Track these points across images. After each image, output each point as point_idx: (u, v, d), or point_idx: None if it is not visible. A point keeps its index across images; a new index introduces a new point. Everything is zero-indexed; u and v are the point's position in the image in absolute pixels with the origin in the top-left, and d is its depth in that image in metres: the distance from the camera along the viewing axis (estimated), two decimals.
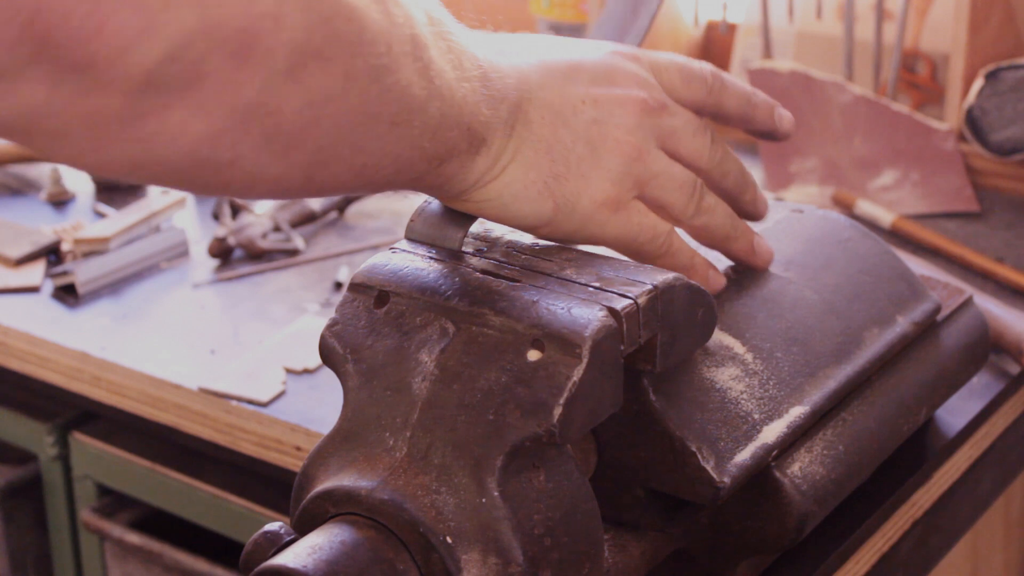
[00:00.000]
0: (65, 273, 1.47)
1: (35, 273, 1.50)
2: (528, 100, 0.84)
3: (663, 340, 0.86)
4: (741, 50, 1.95)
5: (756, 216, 0.96)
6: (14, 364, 1.41)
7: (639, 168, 0.87)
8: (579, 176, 0.84)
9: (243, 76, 0.65)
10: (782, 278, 1.03)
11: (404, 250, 0.88)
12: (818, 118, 1.69)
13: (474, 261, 0.87)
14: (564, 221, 0.86)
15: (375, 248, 1.55)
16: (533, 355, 0.80)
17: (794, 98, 1.70)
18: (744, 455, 0.90)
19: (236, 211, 1.58)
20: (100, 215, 1.64)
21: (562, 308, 0.81)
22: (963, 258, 1.47)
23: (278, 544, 0.79)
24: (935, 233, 1.53)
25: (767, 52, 1.83)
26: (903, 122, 1.67)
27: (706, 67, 0.93)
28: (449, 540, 0.78)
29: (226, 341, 1.37)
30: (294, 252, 1.54)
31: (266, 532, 0.80)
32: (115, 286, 1.49)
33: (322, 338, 0.86)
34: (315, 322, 1.40)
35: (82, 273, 1.46)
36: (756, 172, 1.73)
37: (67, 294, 1.46)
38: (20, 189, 1.73)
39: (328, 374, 1.28)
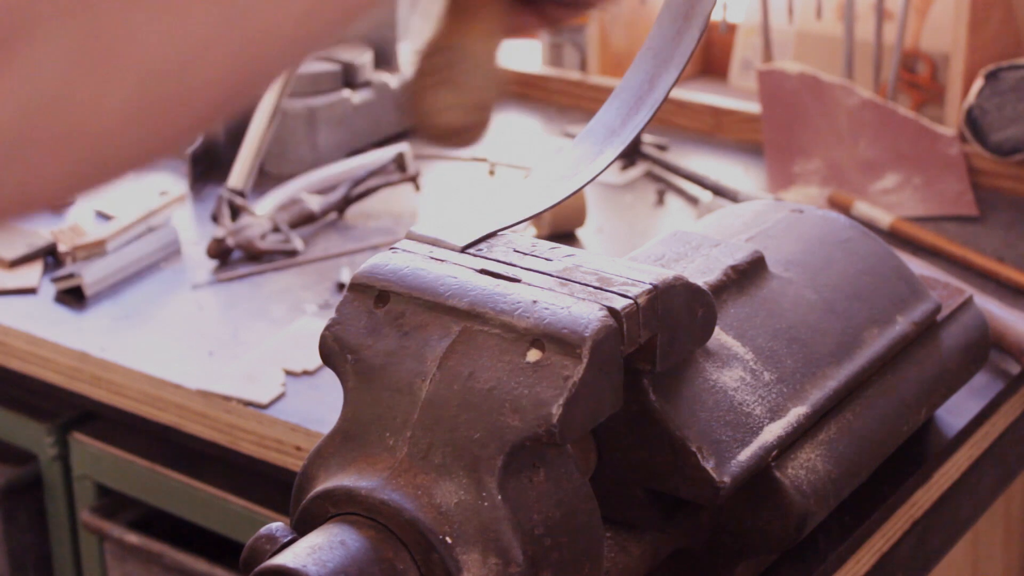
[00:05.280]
0: (71, 276, 1.46)
1: (32, 274, 1.50)
2: None
3: (663, 340, 0.86)
4: (741, 50, 1.95)
5: None
6: (14, 364, 1.41)
7: None
8: None
9: None
10: (782, 278, 1.03)
11: (405, 250, 0.88)
12: (825, 120, 1.69)
13: (474, 261, 0.87)
14: None
15: (375, 248, 1.55)
16: (533, 355, 0.80)
17: (802, 100, 1.70)
18: (744, 455, 0.90)
19: (236, 212, 1.58)
20: (102, 216, 1.64)
21: (562, 308, 0.81)
22: (963, 258, 1.47)
23: (278, 544, 0.79)
24: (934, 233, 1.53)
25: (767, 52, 1.83)
26: (909, 126, 1.67)
27: None
28: (449, 540, 0.78)
29: (225, 342, 1.37)
30: (293, 253, 1.54)
31: (266, 532, 0.80)
32: (115, 287, 1.49)
33: (322, 338, 0.86)
34: (314, 323, 1.39)
35: (88, 275, 1.46)
36: (759, 172, 1.73)
37: (71, 296, 1.46)
38: None
39: (328, 375, 1.28)
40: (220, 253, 1.53)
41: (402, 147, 1.70)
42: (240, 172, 1.66)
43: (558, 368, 0.79)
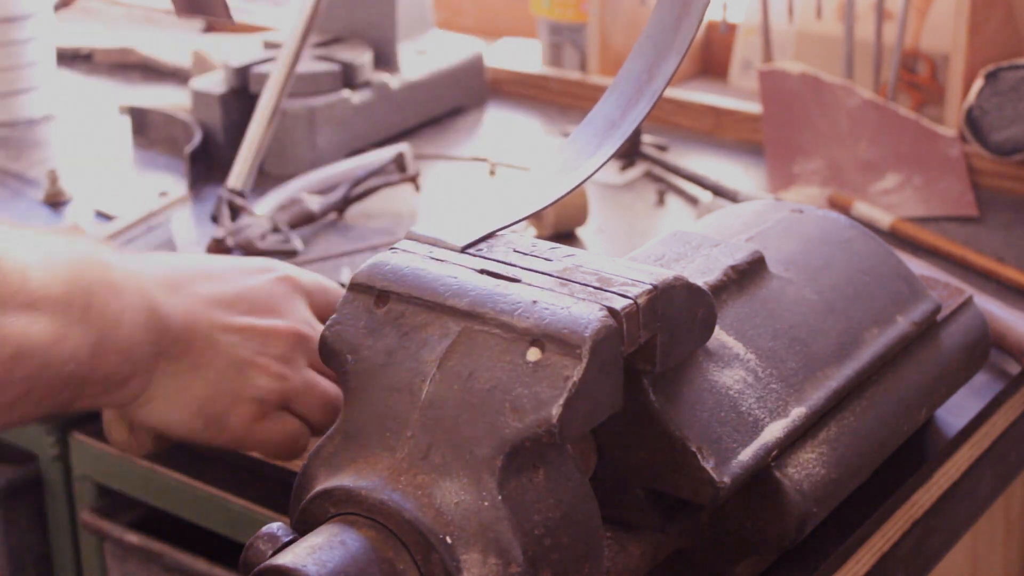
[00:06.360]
0: None
1: None
2: (191, 329, 0.95)
3: (663, 340, 0.86)
4: (741, 50, 1.95)
5: None
6: None
7: (283, 387, 0.98)
8: (228, 396, 0.96)
9: None
10: (782, 278, 1.02)
11: (405, 250, 0.88)
12: (826, 120, 1.69)
13: (474, 261, 0.87)
14: (215, 433, 0.98)
15: (375, 249, 1.55)
16: (533, 355, 0.80)
17: (803, 100, 1.70)
18: (744, 455, 0.90)
19: (235, 212, 1.58)
20: (103, 216, 1.64)
21: (562, 308, 0.81)
22: (963, 258, 1.47)
23: (278, 544, 0.79)
24: (934, 234, 1.53)
25: (767, 52, 1.83)
26: (909, 127, 1.67)
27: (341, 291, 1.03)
28: (449, 540, 0.78)
29: None
30: (293, 253, 1.54)
31: (266, 532, 0.80)
32: None
33: (322, 338, 0.86)
34: None
35: None
36: (759, 172, 1.73)
37: None
38: (17, 189, 1.73)
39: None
40: (220, 253, 1.53)
41: (402, 147, 1.70)
42: (240, 172, 1.66)
43: (558, 368, 0.79)
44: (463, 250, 0.88)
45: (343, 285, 1.46)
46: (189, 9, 1.64)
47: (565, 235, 1.56)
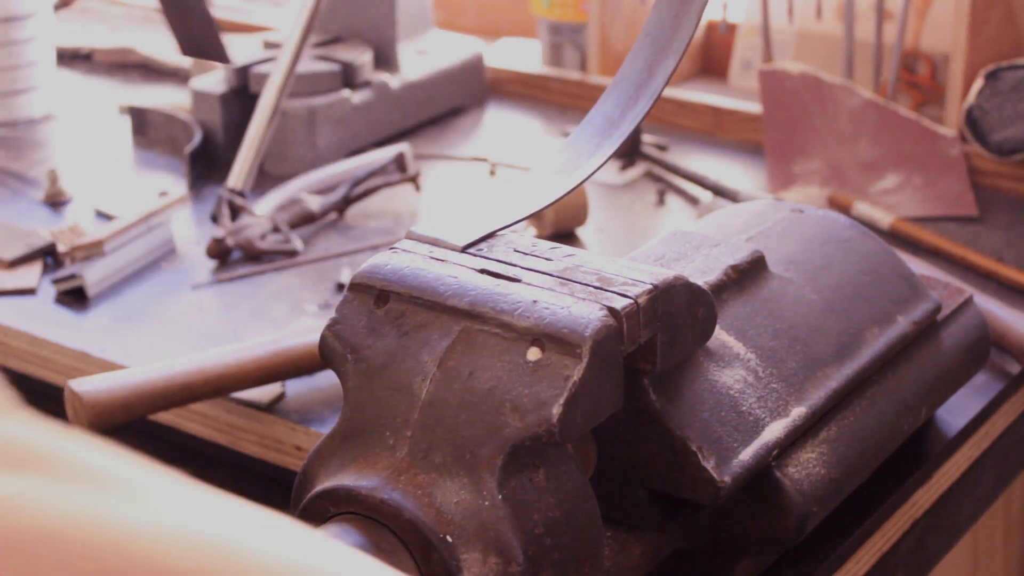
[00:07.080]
0: (72, 277, 1.46)
1: (31, 275, 1.50)
2: None
3: (663, 340, 0.86)
4: (741, 50, 1.95)
5: None
6: (14, 364, 1.41)
7: None
8: None
9: None
10: (782, 278, 1.02)
11: (405, 250, 0.88)
12: (826, 121, 1.69)
13: (475, 261, 0.87)
14: None
15: (375, 248, 1.55)
16: (533, 354, 0.80)
17: (803, 100, 1.70)
18: (745, 455, 0.90)
19: (235, 212, 1.58)
20: (103, 215, 1.64)
21: (562, 308, 0.81)
22: (963, 258, 1.47)
23: None
24: (934, 234, 1.53)
25: (767, 52, 1.83)
26: (910, 127, 1.67)
27: None
28: (449, 540, 0.78)
29: (225, 342, 1.37)
30: (293, 253, 1.54)
31: None
32: (114, 287, 1.49)
33: (322, 338, 0.86)
34: (314, 323, 1.39)
35: (90, 276, 1.46)
36: (759, 172, 1.73)
37: (71, 297, 1.46)
38: (17, 189, 1.73)
39: (328, 375, 1.28)
40: (220, 253, 1.53)
41: (402, 147, 1.70)
42: (240, 172, 1.66)
43: (558, 368, 0.79)
44: (463, 250, 0.88)
45: (343, 285, 1.47)
46: (192, 52, 1.64)
47: (565, 235, 1.56)
